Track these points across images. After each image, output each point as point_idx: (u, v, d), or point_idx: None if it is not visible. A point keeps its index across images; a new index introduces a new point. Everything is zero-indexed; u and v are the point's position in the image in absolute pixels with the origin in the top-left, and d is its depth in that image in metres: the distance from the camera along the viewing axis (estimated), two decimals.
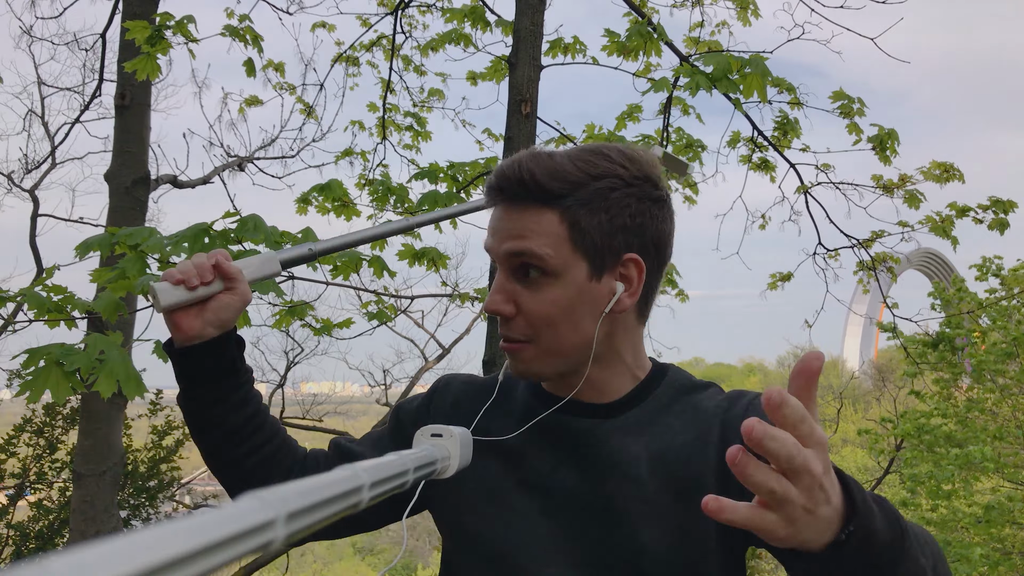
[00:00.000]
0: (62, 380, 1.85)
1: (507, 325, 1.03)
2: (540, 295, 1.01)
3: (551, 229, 1.00)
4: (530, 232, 1.00)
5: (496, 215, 1.04)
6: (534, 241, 1.00)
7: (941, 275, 42.68)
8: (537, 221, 1.00)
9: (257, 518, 0.43)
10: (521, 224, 1.01)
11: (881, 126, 4.37)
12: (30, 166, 7.43)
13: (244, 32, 3.55)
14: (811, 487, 0.65)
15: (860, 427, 10.13)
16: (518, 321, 1.02)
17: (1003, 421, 9.07)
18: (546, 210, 1.00)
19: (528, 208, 1.01)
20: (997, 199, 4.70)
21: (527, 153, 1.04)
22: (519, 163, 1.02)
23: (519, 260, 1.01)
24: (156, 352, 2.13)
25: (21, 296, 2.14)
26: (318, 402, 10.85)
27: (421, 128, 5.87)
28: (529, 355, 1.03)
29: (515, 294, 1.02)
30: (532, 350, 1.03)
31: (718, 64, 3.32)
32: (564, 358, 1.04)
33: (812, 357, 0.67)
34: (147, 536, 0.37)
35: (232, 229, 2.20)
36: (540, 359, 1.03)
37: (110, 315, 2.19)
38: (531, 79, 3.52)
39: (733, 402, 1.06)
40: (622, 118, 5.18)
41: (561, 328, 1.02)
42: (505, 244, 1.01)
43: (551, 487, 1.04)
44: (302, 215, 4.64)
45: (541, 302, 1.01)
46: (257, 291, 2.03)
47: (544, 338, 1.02)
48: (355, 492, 0.54)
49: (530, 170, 1.00)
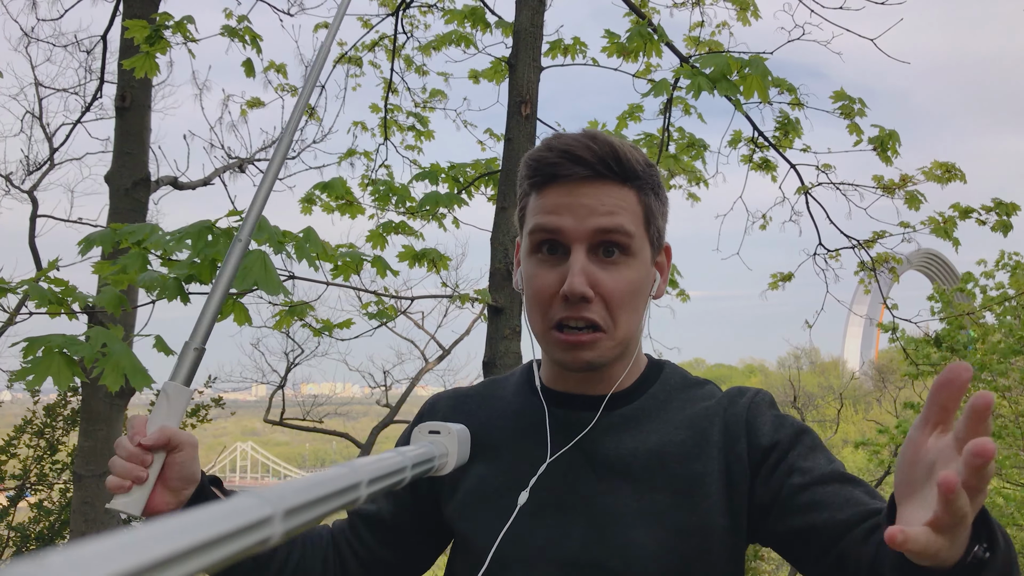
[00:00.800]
0: (64, 368, 1.84)
1: (583, 308, 0.96)
2: (620, 276, 0.97)
3: (634, 208, 0.99)
4: (619, 209, 0.97)
5: (567, 192, 0.97)
6: (625, 218, 0.97)
7: (942, 276, 42.65)
8: (624, 198, 0.98)
9: (255, 514, 0.43)
10: (610, 200, 0.97)
11: (882, 127, 4.36)
12: (30, 167, 7.43)
13: (243, 32, 3.56)
14: None
15: (858, 439, 10.11)
16: (596, 305, 0.96)
17: (1004, 422, 9.06)
18: (627, 188, 0.99)
19: (610, 184, 0.98)
20: (1000, 201, 4.70)
21: (589, 132, 1.00)
22: (596, 139, 0.98)
23: (607, 237, 0.97)
24: (157, 346, 2.13)
25: (23, 287, 2.14)
26: (318, 403, 10.84)
27: (423, 128, 5.87)
28: (603, 344, 0.98)
29: (593, 275, 0.96)
30: (606, 340, 0.98)
31: (718, 65, 3.32)
32: (626, 345, 1.01)
33: (978, 398, 0.64)
34: (146, 532, 0.37)
35: (236, 227, 2.19)
36: (611, 348, 0.99)
37: (114, 309, 2.19)
38: (531, 80, 3.52)
39: (733, 400, 1.06)
40: (623, 118, 5.18)
41: (635, 312, 1.00)
42: (593, 220, 0.96)
43: (544, 486, 1.03)
44: (307, 215, 4.64)
45: (620, 282, 0.97)
46: (264, 291, 2.03)
47: (620, 323, 0.98)
48: (352, 488, 0.54)
49: (616, 145, 0.98)
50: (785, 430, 1.01)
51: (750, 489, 0.99)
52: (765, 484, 0.98)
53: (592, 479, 1.02)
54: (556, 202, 0.98)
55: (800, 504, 0.94)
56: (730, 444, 1.02)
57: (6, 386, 7.86)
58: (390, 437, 9.25)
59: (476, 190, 4.91)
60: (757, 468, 1.00)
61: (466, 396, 1.17)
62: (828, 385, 38.15)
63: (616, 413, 1.05)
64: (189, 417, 8.24)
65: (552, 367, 1.10)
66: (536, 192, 1.01)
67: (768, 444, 1.00)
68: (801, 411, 14.70)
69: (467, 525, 1.05)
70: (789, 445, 0.99)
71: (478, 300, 4.00)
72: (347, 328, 3.97)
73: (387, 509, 1.14)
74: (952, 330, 9.09)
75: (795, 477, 0.95)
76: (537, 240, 1.00)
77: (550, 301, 0.98)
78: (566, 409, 1.07)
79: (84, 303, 2.24)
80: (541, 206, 0.99)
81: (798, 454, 0.98)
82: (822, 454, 0.99)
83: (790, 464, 0.97)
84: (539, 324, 1.01)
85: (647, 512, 0.98)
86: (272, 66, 5.98)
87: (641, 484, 1.00)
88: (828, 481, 0.94)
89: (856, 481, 0.95)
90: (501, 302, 3.28)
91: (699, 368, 72.35)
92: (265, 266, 2.04)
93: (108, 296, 2.18)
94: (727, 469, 1.00)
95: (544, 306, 0.99)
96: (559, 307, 0.97)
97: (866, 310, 29.46)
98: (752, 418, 1.03)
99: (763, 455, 1.00)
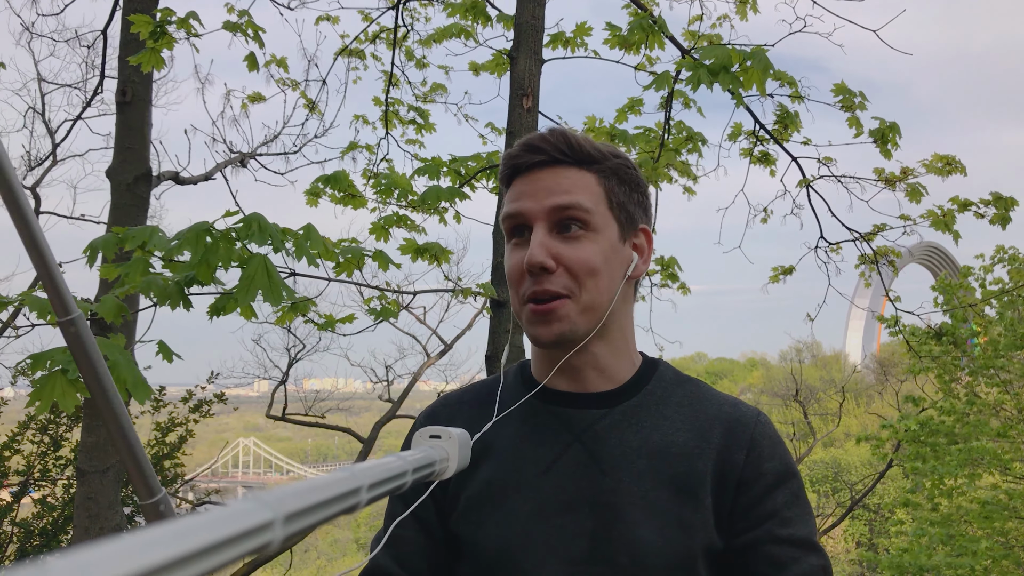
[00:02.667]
0: (68, 388, 1.86)
1: (546, 280, 1.02)
2: (581, 247, 1.03)
3: (592, 188, 1.06)
4: (576, 188, 1.05)
5: (529, 179, 1.07)
6: (580, 196, 1.04)
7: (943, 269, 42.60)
8: (581, 179, 1.06)
9: (256, 519, 0.43)
10: (567, 181, 1.05)
11: (882, 119, 4.35)
12: (32, 163, 7.43)
13: (246, 26, 3.55)
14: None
15: (860, 432, 10.14)
16: (558, 275, 1.02)
17: (1005, 418, 9.07)
18: (585, 172, 1.07)
19: (569, 168, 1.06)
20: (999, 195, 4.69)
21: (552, 127, 1.09)
22: (552, 131, 1.07)
23: (564, 213, 1.03)
24: (160, 351, 2.13)
25: (20, 299, 2.14)
26: (320, 399, 10.85)
27: (424, 121, 5.86)
28: (568, 310, 1.03)
29: (554, 248, 1.03)
30: (571, 305, 1.03)
31: (719, 57, 3.30)
32: (598, 315, 1.05)
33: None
34: (146, 537, 0.37)
35: (235, 229, 2.17)
36: (579, 315, 1.03)
37: (114, 318, 2.19)
38: (532, 73, 3.52)
39: (737, 408, 1.08)
40: (623, 111, 5.17)
41: (601, 280, 1.04)
42: (550, 199, 1.04)
43: (547, 485, 1.03)
44: (312, 206, 4.63)
45: (583, 252, 1.03)
46: (269, 302, 2.03)
47: (585, 289, 1.03)
48: (353, 493, 0.54)
49: (568, 135, 1.07)
50: (782, 462, 1.05)
51: (733, 499, 1.02)
52: (743, 503, 1.02)
53: (597, 476, 1.02)
54: (520, 190, 1.07)
55: (760, 551, 0.99)
56: (729, 450, 1.04)
57: (9, 382, 7.88)
58: (392, 432, 9.26)
59: (478, 183, 4.89)
60: (746, 485, 1.02)
61: (462, 402, 1.17)
62: (830, 379, 38.19)
63: (617, 410, 1.06)
64: (192, 413, 8.27)
65: (540, 360, 1.12)
66: (506, 187, 1.11)
67: (764, 470, 1.03)
68: (803, 404, 14.71)
69: (474, 529, 1.05)
70: (777, 481, 1.03)
71: (480, 294, 4.00)
72: (349, 323, 3.98)
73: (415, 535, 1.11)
74: (954, 323, 9.09)
75: (773, 522, 1.00)
76: (508, 227, 1.08)
77: (520, 279, 1.05)
78: (566, 408, 1.07)
79: (85, 312, 2.24)
80: (509, 197, 1.09)
81: (784, 502, 1.02)
82: (802, 508, 1.04)
83: (775, 502, 1.02)
84: (515, 302, 1.08)
85: (653, 507, 0.99)
86: (273, 60, 5.97)
87: (645, 480, 1.01)
88: (798, 544, 1.00)
89: (819, 553, 1.01)
90: (503, 296, 3.27)
91: (701, 362, 72.40)
92: (268, 273, 2.03)
93: (108, 305, 2.18)
94: (719, 471, 1.02)
95: (516, 285, 1.06)
96: (527, 283, 1.03)
97: (867, 303, 29.46)
98: (758, 436, 1.05)
99: (755, 476, 1.03)
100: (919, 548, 8.31)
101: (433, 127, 5.90)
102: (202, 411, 8.35)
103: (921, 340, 9.03)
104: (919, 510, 9.00)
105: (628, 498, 1.00)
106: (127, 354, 1.95)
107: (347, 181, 3.98)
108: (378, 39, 5.92)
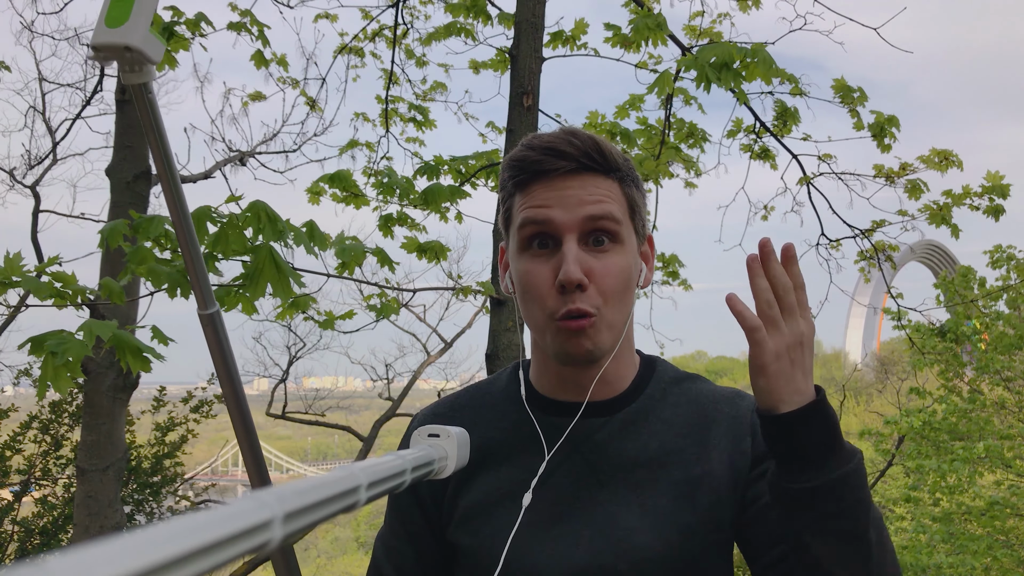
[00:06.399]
0: (60, 371, 1.85)
1: (579, 297, 0.96)
2: (611, 263, 0.98)
3: (619, 197, 1.01)
4: (607, 198, 0.99)
5: (554, 186, 0.99)
6: (612, 206, 0.99)
7: (943, 267, 42.60)
8: (609, 188, 1.00)
9: (255, 518, 0.42)
10: (597, 190, 0.99)
11: (880, 112, 4.35)
12: (32, 162, 7.42)
13: (251, 24, 3.55)
14: (793, 336, 0.86)
15: (863, 428, 10.14)
16: (590, 292, 0.97)
17: (1006, 415, 9.06)
18: (610, 180, 1.01)
19: (595, 176, 1.00)
20: (995, 181, 4.63)
21: (567, 129, 1.02)
22: (575, 134, 1.00)
23: (597, 224, 0.98)
24: (155, 336, 2.12)
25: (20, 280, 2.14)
26: (320, 397, 10.84)
27: (424, 118, 5.85)
28: (598, 329, 0.97)
29: (587, 263, 0.97)
30: (599, 323, 0.98)
31: (720, 55, 3.30)
32: (618, 332, 1.01)
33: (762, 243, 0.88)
34: (146, 536, 0.37)
35: (239, 215, 2.14)
36: (607, 333, 0.99)
37: (117, 299, 2.20)
38: (532, 71, 3.51)
39: (734, 402, 1.07)
40: (623, 108, 5.16)
41: (625, 298, 1.00)
42: (584, 209, 0.97)
43: (546, 495, 1.02)
44: (314, 204, 4.62)
45: (612, 269, 0.98)
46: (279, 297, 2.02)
47: (611, 308, 0.98)
48: (352, 492, 0.53)
49: (592, 139, 1.00)
50: None
51: (746, 482, 1.02)
52: (756, 482, 1.01)
53: (595, 485, 1.01)
54: (544, 196, 0.99)
55: None
56: (735, 443, 1.03)
57: (12, 382, 7.88)
58: (392, 431, 9.25)
59: (478, 181, 4.89)
60: (758, 462, 1.02)
61: (457, 407, 1.15)
62: (831, 377, 38.21)
63: (616, 417, 1.05)
64: (192, 412, 8.27)
65: (544, 370, 1.08)
66: (520, 191, 1.02)
67: None
68: None
69: (472, 539, 1.03)
70: None
71: (480, 292, 4.00)
72: (349, 319, 3.98)
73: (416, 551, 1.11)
74: (957, 320, 9.08)
75: None
76: (528, 234, 1.00)
77: (547, 293, 0.98)
78: (566, 417, 1.05)
79: (84, 295, 2.24)
80: (528, 202, 1.00)
81: None
82: None
83: None
84: (539, 317, 1.00)
85: (651, 515, 0.99)
86: (274, 58, 5.96)
87: (644, 488, 1.00)
88: None
89: None
90: (503, 295, 3.27)
91: (701, 360, 72.40)
92: (277, 265, 2.00)
93: (110, 287, 2.18)
94: (732, 466, 1.02)
95: (541, 299, 0.99)
96: (557, 298, 0.97)
97: (868, 300, 29.46)
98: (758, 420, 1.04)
99: (764, 455, 1.02)
100: (919, 546, 8.32)
101: (433, 123, 5.89)
102: (202, 411, 8.36)
103: (925, 336, 9.03)
104: (920, 506, 8.99)
105: (627, 507, 0.99)
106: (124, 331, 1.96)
107: (350, 180, 3.97)
108: (378, 37, 5.92)
